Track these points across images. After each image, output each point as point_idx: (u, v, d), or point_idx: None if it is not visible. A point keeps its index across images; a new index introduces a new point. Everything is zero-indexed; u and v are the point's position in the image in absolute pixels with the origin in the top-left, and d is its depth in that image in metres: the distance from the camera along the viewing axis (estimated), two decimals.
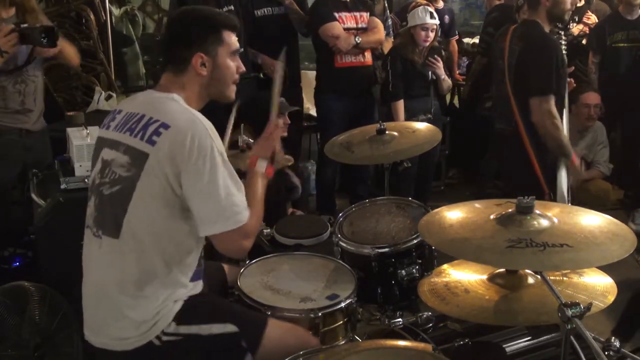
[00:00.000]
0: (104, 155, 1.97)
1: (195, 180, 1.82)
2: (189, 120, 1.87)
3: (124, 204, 1.87)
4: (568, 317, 1.55)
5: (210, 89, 2.02)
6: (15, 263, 3.40)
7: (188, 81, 1.98)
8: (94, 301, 1.97)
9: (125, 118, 1.97)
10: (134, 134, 1.90)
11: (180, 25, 2.04)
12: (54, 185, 3.01)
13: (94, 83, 5.38)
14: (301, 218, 3.66)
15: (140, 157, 1.86)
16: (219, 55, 1.98)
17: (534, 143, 3.27)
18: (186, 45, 1.96)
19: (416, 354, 1.81)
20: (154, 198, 1.85)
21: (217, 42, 1.98)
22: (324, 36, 4.38)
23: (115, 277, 1.90)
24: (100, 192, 1.94)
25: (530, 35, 3.29)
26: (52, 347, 2.65)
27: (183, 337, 1.91)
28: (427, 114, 4.42)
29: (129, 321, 1.89)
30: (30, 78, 3.33)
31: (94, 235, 1.95)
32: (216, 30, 1.98)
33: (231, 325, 1.96)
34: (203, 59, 1.96)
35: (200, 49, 1.95)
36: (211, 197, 1.82)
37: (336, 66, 4.44)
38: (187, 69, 1.97)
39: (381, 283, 2.52)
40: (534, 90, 3.20)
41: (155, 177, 1.84)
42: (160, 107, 1.92)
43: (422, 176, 4.59)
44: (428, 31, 4.31)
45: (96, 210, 1.96)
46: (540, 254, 1.61)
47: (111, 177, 1.91)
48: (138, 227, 1.87)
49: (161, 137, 1.84)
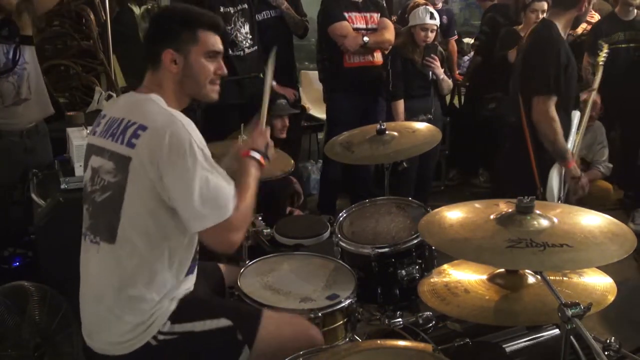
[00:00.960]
0: (92, 163, 1.98)
1: (176, 178, 1.81)
2: (165, 119, 1.87)
3: (116, 209, 1.87)
4: (568, 317, 1.55)
5: (185, 87, 2.01)
6: (15, 263, 3.40)
7: (163, 78, 1.98)
8: (91, 307, 1.97)
9: (109, 123, 1.98)
10: (115, 139, 1.91)
11: (157, 21, 2.07)
12: (54, 185, 3.01)
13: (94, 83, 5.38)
14: (301, 218, 3.67)
15: (123, 162, 1.87)
16: (192, 53, 1.98)
17: (534, 139, 3.28)
18: (158, 41, 1.98)
19: (416, 354, 1.81)
20: (143, 200, 1.85)
21: (191, 41, 1.98)
22: (333, 35, 4.39)
23: (112, 281, 1.90)
24: (93, 200, 1.95)
25: (538, 34, 3.32)
26: (52, 347, 2.65)
27: (179, 335, 1.92)
28: (428, 114, 4.42)
29: (126, 324, 1.89)
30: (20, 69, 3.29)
31: (91, 242, 1.95)
32: (191, 28, 1.98)
33: (225, 319, 1.96)
34: (173, 56, 1.95)
35: (171, 45, 1.96)
36: (193, 193, 1.81)
37: (345, 66, 4.46)
38: (160, 66, 1.98)
39: (381, 283, 2.52)
40: (534, 89, 3.22)
41: (140, 180, 1.84)
42: (139, 109, 1.93)
43: (422, 176, 4.59)
44: (427, 31, 4.32)
45: (91, 218, 1.97)
46: (540, 254, 1.61)
47: (100, 184, 1.92)
48: (132, 230, 1.87)
49: (140, 139, 1.85)
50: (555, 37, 3.23)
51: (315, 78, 5.00)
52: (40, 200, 2.99)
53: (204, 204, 1.83)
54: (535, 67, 3.25)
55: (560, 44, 3.23)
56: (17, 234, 3.43)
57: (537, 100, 3.19)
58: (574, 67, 3.33)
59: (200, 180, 1.82)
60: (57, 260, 2.81)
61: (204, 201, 1.83)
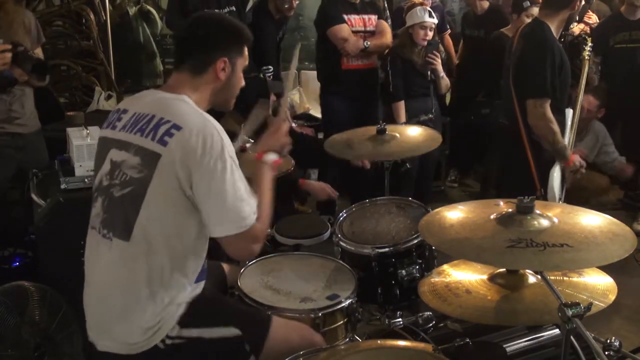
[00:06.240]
0: (113, 157, 1.94)
1: (205, 182, 1.81)
2: (200, 121, 1.87)
3: (137, 205, 1.85)
4: (568, 317, 1.55)
5: (219, 96, 2.03)
6: (15, 263, 3.40)
7: (203, 84, 1.99)
8: (99, 303, 1.95)
9: (135, 118, 1.95)
10: (144, 135, 1.88)
11: (209, 28, 2.04)
12: (54, 185, 3.01)
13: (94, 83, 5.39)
14: (301, 218, 3.67)
15: (152, 158, 1.85)
16: (237, 65, 2.03)
17: (531, 140, 3.28)
18: (212, 48, 1.98)
19: (416, 354, 1.81)
20: (165, 199, 1.84)
21: (239, 53, 2.03)
22: (333, 38, 4.37)
23: (123, 279, 1.88)
24: (110, 194, 1.91)
25: (531, 35, 3.30)
26: (52, 347, 2.64)
27: (186, 340, 1.91)
28: (429, 114, 4.41)
29: (136, 326, 1.88)
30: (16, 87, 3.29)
31: (103, 237, 1.92)
32: (240, 42, 2.04)
33: (234, 329, 1.95)
34: (225, 65, 1.98)
35: (227, 54, 1.99)
36: (220, 199, 1.82)
37: (342, 68, 4.45)
38: (206, 71, 1.98)
39: (381, 283, 2.52)
40: (529, 92, 3.22)
41: (167, 178, 1.83)
42: (170, 107, 1.91)
43: (422, 176, 4.59)
44: (427, 30, 4.31)
45: (105, 212, 1.93)
46: (541, 254, 1.61)
47: (122, 178, 1.90)
48: (149, 228, 1.86)
49: (173, 138, 1.83)
50: (550, 39, 3.22)
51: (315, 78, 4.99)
52: (40, 200, 2.98)
53: (230, 211, 1.83)
54: (531, 70, 3.23)
55: (554, 46, 3.22)
56: (17, 234, 3.43)
57: (534, 103, 3.19)
58: (568, 67, 3.33)
59: (229, 187, 1.82)
60: (57, 260, 2.81)
61: (230, 208, 1.83)
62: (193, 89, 1.98)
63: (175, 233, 1.87)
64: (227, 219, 1.84)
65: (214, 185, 1.81)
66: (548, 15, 3.29)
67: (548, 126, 3.19)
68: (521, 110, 3.27)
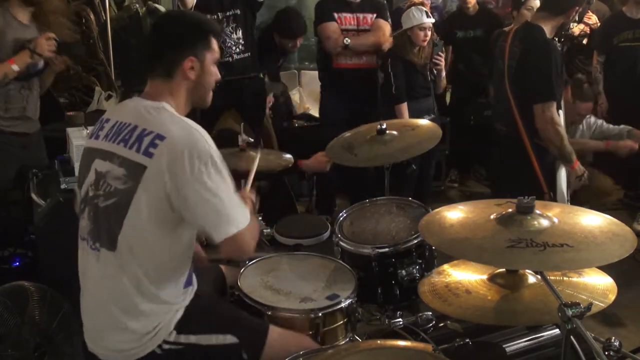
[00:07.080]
0: (97, 167, 1.93)
1: (197, 189, 1.79)
2: (184, 129, 1.84)
3: (120, 216, 1.84)
4: (568, 317, 1.55)
5: (194, 94, 1.99)
6: (15, 263, 3.40)
7: (176, 86, 1.95)
8: (93, 313, 1.96)
9: (117, 127, 1.93)
10: (128, 146, 1.86)
11: (172, 27, 2.00)
12: (54, 185, 3.01)
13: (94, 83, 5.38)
14: (301, 218, 3.67)
15: (138, 170, 1.83)
16: (207, 60, 1.97)
17: (533, 144, 3.27)
18: (178, 48, 1.93)
19: (416, 354, 1.81)
20: (150, 210, 1.82)
21: (206, 48, 1.97)
22: (319, 36, 4.43)
23: (113, 289, 1.88)
24: (95, 205, 1.90)
25: (533, 39, 3.27)
26: (52, 347, 2.65)
27: (184, 346, 1.91)
28: (431, 114, 4.41)
29: (130, 333, 1.88)
30: (34, 85, 3.37)
31: (91, 248, 1.92)
32: (204, 36, 1.97)
33: (231, 336, 1.95)
34: (193, 63, 1.93)
35: (192, 52, 1.94)
36: (216, 203, 1.81)
37: (333, 67, 4.46)
38: (175, 73, 1.93)
39: (381, 283, 2.52)
40: (537, 97, 3.19)
41: (153, 189, 1.81)
42: (152, 117, 1.88)
43: (422, 176, 4.58)
44: (426, 30, 4.30)
45: (92, 223, 1.92)
46: (541, 254, 1.61)
47: (106, 189, 1.88)
48: (134, 239, 1.85)
49: (158, 148, 1.81)
50: (550, 43, 3.22)
51: (315, 78, 5.01)
52: (40, 200, 2.99)
53: (224, 214, 1.82)
54: (536, 74, 3.21)
55: (555, 49, 3.22)
56: (17, 234, 3.43)
57: (542, 107, 3.17)
58: (563, 69, 3.33)
59: (220, 193, 1.81)
60: (57, 260, 2.80)
61: (223, 212, 1.82)
62: (170, 94, 1.95)
63: (161, 243, 1.86)
64: (222, 222, 1.83)
65: (206, 191, 1.80)
66: (544, 18, 3.28)
67: (556, 130, 3.17)
68: (521, 114, 3.25)
